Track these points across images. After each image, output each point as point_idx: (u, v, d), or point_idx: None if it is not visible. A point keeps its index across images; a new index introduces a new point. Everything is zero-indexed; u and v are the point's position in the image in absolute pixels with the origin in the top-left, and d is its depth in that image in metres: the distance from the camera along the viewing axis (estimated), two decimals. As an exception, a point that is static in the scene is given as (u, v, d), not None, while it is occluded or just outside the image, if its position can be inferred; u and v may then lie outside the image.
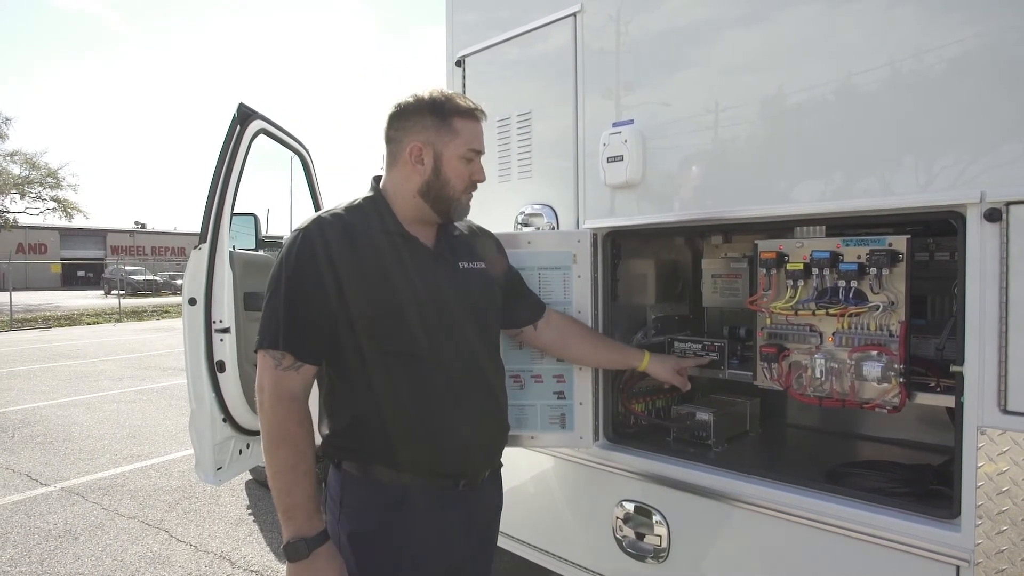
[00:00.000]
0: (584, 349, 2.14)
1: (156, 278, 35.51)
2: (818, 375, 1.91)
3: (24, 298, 27.16)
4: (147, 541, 4.04)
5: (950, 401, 1.72)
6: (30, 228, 38.88)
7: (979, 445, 1.56)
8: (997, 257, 1.52)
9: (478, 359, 1.69)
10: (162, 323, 19.37)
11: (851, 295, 1.85)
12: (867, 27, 1.73)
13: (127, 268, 34.91)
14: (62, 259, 43.77)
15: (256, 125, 3.34)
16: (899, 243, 1.79)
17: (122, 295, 23.77)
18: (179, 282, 29.86)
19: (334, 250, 1.54)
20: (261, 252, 4.23)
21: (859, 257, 1.84)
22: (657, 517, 2.21)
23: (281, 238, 4.23)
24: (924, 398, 1.82)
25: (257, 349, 1.54)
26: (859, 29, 1.75)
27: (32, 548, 3.94)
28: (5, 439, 6.36)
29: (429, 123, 1.63)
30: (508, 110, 2.64)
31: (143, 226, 55.21)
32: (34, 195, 29.29)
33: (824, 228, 1.93)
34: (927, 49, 1.63)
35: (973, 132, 1.57)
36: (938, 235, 2.06)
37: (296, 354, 1.51)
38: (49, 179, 29.08)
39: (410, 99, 1.65)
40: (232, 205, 3.25)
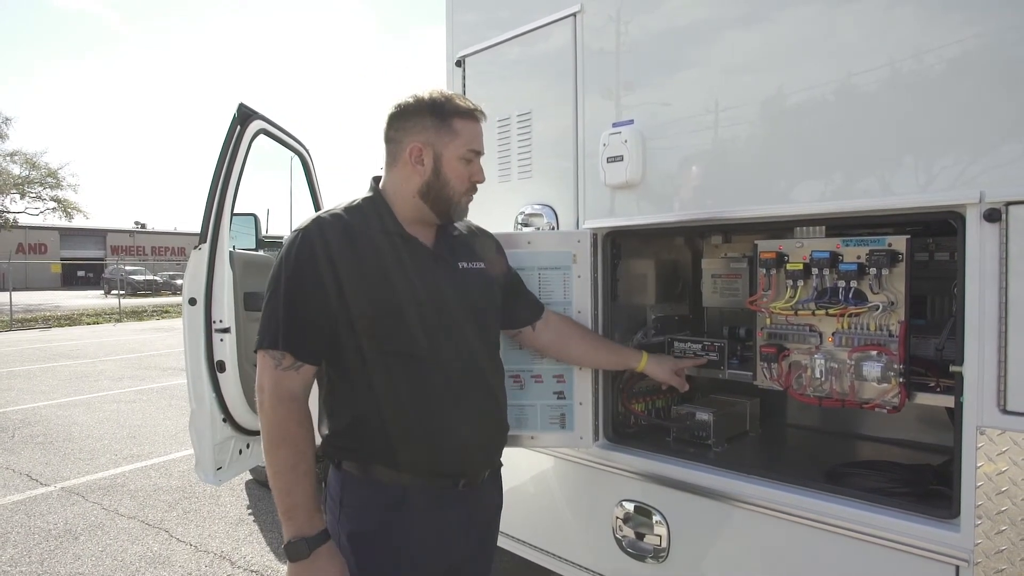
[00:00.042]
0: (582, 350, 2.14)
1: (156, 278, 35.53)
2: (818, 375, 1.91)
3: (24, 298, 27.16)
4: (147, 541, 4.04)
5: (950, 401, 1.72)
6: (30, 228, 38.90)
7: (978, 445, 1.56)
8: (996, 257, 1.52)
9: (477, 359, 1.69)
10: (162, 323, 19.37)
11: (851, 295, 1.85)
12: (867, 27, 1.73)
13: (127, 268, 34.91)
14: (62, 259, 43.77)
15: (256, 125, 3.35)
16: (899, 243, 1.79)
17: (122, 295, 23.78)
18: (179, 282, 29.87)
19: (334, 250, 1.54)
20: (261, 252, 4.23)
21: (859, 257, 1.84)
22: (657, 517, 2.21)
23: (281, 238, 4.23)
24: (924, 398, 1.82)
25: (257, 349, 1.54)
26: (859, 29, 1.75)
27: (32, 548, 3.95)
28: (5, 439, 6.36)
29: (429, 124, 1.63)
30: (508, 110, 2.65)
31: (143, 226, 55.22)
32: (34, 195, 29.31)
33: (824, 228, 1.93)
34: (927, 49, 1.63)
35: (973, 132, 1.57)
36: (938, 235, 2.06)
37: (296, 354, 1.52)
38: (49, 179, 29.09)
39: (410, 99, 1.65)
40: (232, 205, 3.25)
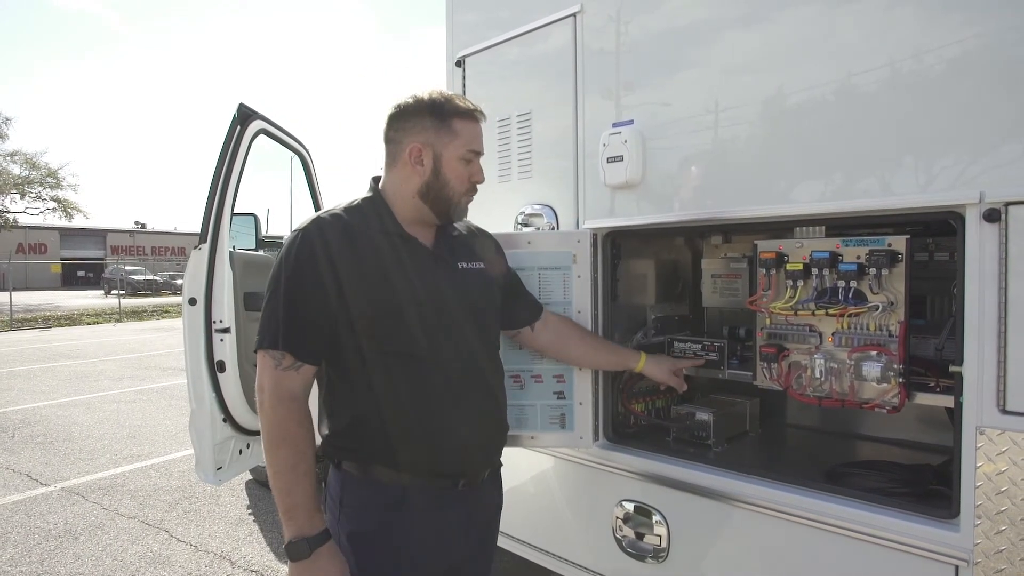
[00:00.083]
0: (581, 351, 2.14)
1: (156, 278, 35.52)
2: (818, 375, 1.91)
3: (24, 298, 27.17)
4: (147, 541, 4.04)
5: (949, 401, 1.72)
6: (30, 228, 38.90)
7: (978, 445, 1.56)
8: (996, 257, 1.52)
9: (477, 359, 1.70)
10: (162, 323, 19.37)
11: (850, 295, 1.85)
12: (867, 27, 1.73)
13: (127, 268, 34.92)
14: (62, 259, 43.75)
15: (256, 125, 3.35)
16: (898, 243, 1.79)
17: (122, 295, 23.78)
18: (179, 282, 29.87)
19: (334, 250, 1.54)
20: (261, 252, 4.23)
21: (858, 257, 1.84)
22: (657, 517, 2.22)
23: (281, 238, 4.23)
24: (923, 398, 1.81)
25: (257, 349, 1.54)
26: (859, 29, 1.75)
27: (32, 548, 3.95)
28: (5, 439, 6.36)
29: (428, 124, 1.63)
30: (508, 110, 2.65)
31: (143, 226, 55.22)
32: (34, 195, 29.32)
33: (824, 228, 1.93)
34: (927, 49, 1.63)
35: (973, 132, 1.57)
36: (937, 235, 2.06)
37: (296, 354, 1.52)
38: (49, 179, 29.10)
39: (409, 100, 1.65)
40: (232, 205, 3.25)
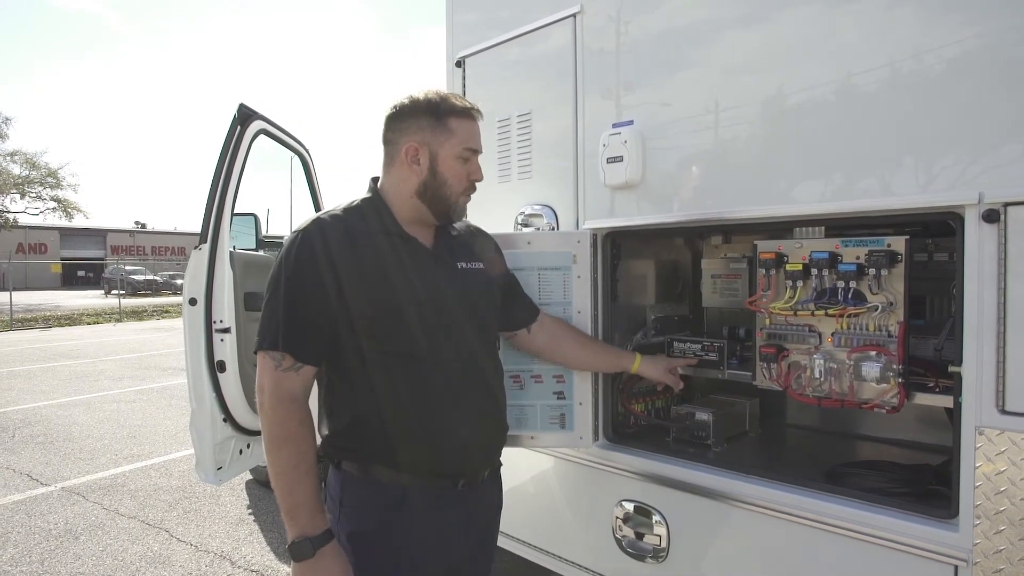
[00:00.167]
0: (576, 353, 2.14)
1: (156, 278, 35.54)
2: (817, 375, 1.91)
3: (24, 298, 27.17)
4: (147, 541, 4.04)
5: (949, 401, 1.72)
6: (30, 228, 38.91)
7: (977, 445, 1.56)
8: (995, 258, 1.52)
9: (477, 359, 1.70)
10: (162, 323, 19.38)
11: (850, 295, 1.85)
12: (867, 27, 1.74)
13: (127, 268, 34.94)
14: (62, 259, 43.75)
15: (256, 125, 3.35)
16: (898, 244, 1.79)
17: (122, 295, 23.78)
18: (179, 282, 29.89)
19: (333, 251, 1.54)
20: (261, 252, 4.24)
21: (858, 258, 1.84)
22: (657, 517, 2.22)
23: (281, 238, 4.24)
24: (923, 398, 1.82)
25: (257, 350, 1.54)
26: (859, 29, 1.75)
27: (33, 548, 3.95)
28: (6, 439, 6.36)
29: (424, 123, 1.63)
30: (508, 110, 2.65)
31: (143, 226, 55.24)
32: (34, 195, 29.33)
33: (823, 229, 1.93)
34: (927, 49, 1.63)
35: (972, 132, 1.57)
36: (937, 236, 2.06)
37: (296, 355, 1.52)
38: (49, 179, 29.10)
39: (406, 100, 1.66)
40: (232, 205, 3.26)
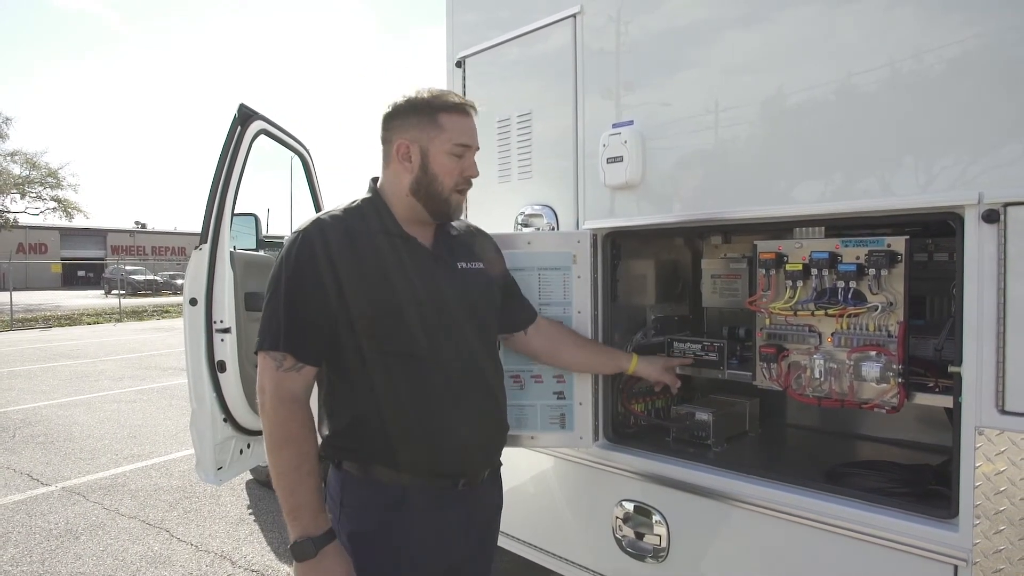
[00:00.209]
0: (572, 355, 2.14)
1: (156, 278, 35.56)
2: (817, 375, 1.91)
3: (24, 298, 27.17)
4: (148, 541, 4.04)
5: (948, 401, 1.72)
6: (30, 228, 38.94)
7: (977, 445, 1.56)
8: (995, 258, 1.52)
9: (477, 359, 1.70)
10: (162, 323, 19.38)
11: (850, 296, 1.85)
12: (867, 27, 1.74)
13: (127, 268, 34.98)
14: (62, 259, 43.75)
15: (257, 126, 3.35)
16: (898, 244, 1.79)
17: (122, 295, 23.79)
18: (179, 282, 29.90)
19: (334, 251, 1.55)
20: (262, 252, 4.24)
21: (858, 258, 1.84)
22: (657, 517, 2.22)
23: (281, 238, 4.24)
24: (922, 398, 1.82)
25: (258, 351, 1.55)
26: (859, 29, 1.75)
27: (33, 548, 3.95)
28: (6, 439, 6.37)
29: (415, 121, 1.64)
30: (508, 110, 2.65)
31: (143, 226, 55.26)
32: (34, 195, 29.35)
33: (823, 229, 1.93)
34: (927, 49, 1.63)
35: (972, 133, 1.57)
36: (936, 236, 2.06)
37: (297, 355, 1.52)
38: (49, 179, 29.13)
39: (400, 99, 1.67)
40: (233, 205, 3.26)
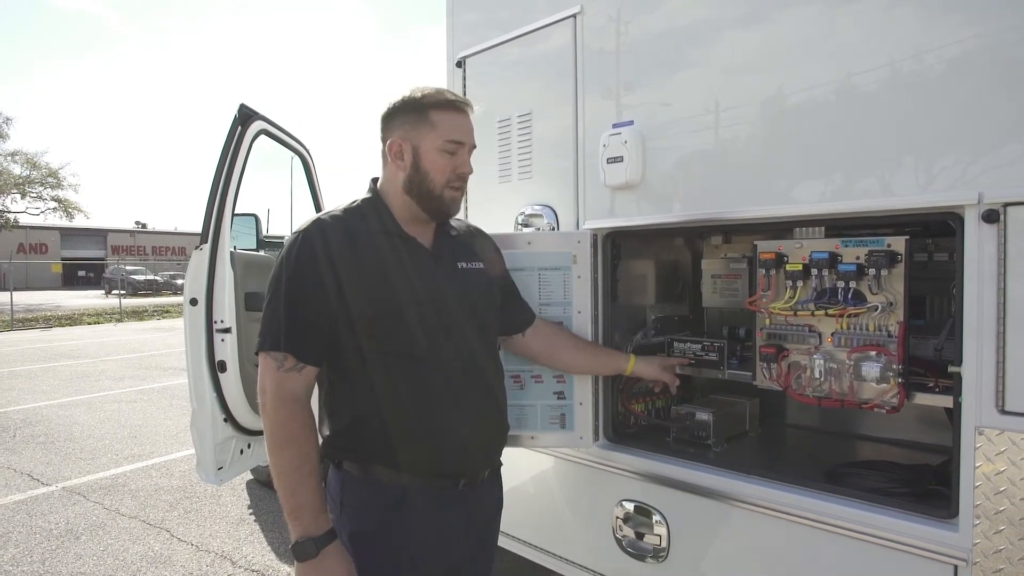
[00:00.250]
0: (571, 357, 2.14)
1: (157, 278, 35.56)
2: (817, 375, 1.91)
3: (25, 298, 27.18)
4: (148, 541, 4.05)
5: (948, 401, 1.72)
6: (31, 228, 38.97)
7: (977, 445, 1.56)
8: (995, 258, 1.52)
9: (477, 359, 1.70)
10: (163, 323, 19.38)
11: (850, 296, 1.85)
12: (867, 27, 1.74)
13: (128, 268, 35.01)
14: (63, 259, 43.76)
15: (257, 126, 3.35)
16: (898, 244, 1.79)
17: (123, 295, 23.82)
18: (180, 282, 29.90)
19: (334, 251, 1.55)
20: (262, 252, 4.24)
21: (858, 258, 1.84)
22: (657, 517, 2.22)
23: (282, 238, 4.24)
24: (922, 398, 1.82)
25: (258, 351, 1.55)
26: (859, 29, 1.75)
27: (34, 548, 3.95)
28: (7, 439, 6.37)
29: (407, 119, 1.65)
30: (508, 111, 2.65)
31: (144, 226, 55.28)
32: (35, 195, 29.34)
33: (823, 229, 1.94)
34: (927, 49, 1.63)
35: (972, 133, 1.57)
36: (936, 236, 2.06)
37: (297, 355, 1.52)
38: (50, 179, 29.12)
39: (396, 99, 1.67)
40: (233, 205, 3.26)
